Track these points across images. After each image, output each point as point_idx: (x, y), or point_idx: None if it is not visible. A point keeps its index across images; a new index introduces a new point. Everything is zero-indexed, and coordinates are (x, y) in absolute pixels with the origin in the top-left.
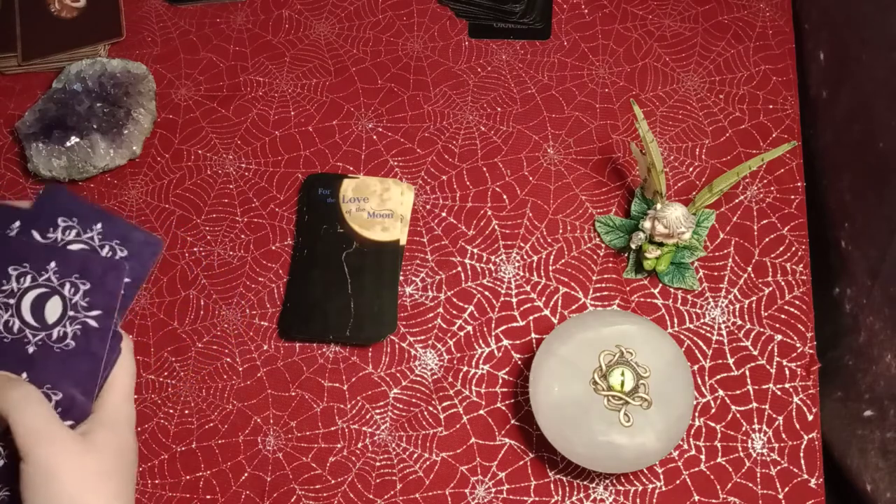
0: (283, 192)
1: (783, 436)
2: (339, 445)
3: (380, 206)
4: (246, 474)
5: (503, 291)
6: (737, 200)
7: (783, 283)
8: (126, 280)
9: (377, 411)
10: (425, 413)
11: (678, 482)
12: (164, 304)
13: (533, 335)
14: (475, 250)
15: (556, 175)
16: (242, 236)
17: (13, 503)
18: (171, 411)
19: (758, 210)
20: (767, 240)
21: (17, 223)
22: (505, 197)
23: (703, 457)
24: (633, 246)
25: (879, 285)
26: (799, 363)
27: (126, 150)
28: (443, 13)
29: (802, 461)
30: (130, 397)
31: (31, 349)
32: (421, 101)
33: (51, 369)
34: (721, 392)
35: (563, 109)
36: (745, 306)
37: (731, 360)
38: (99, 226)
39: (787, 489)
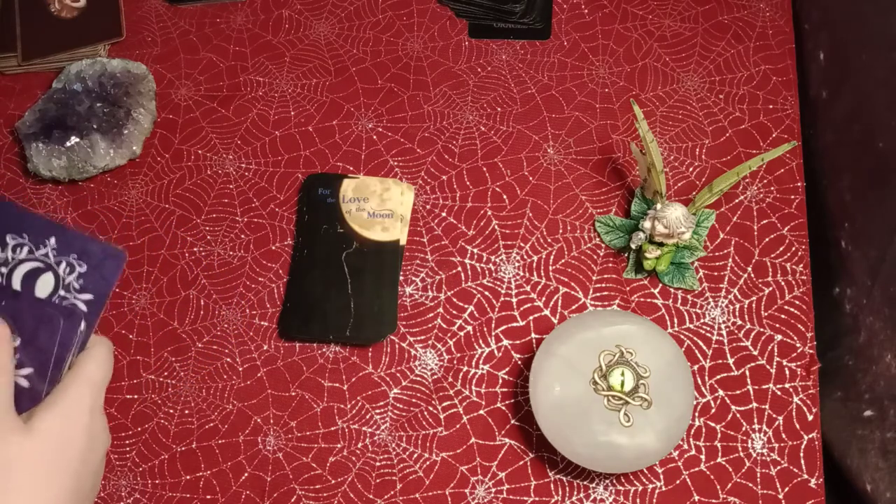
0: (283, 192)
1: (783, 436)
2: (339, 445)
3: (380, 206)
4: (246, 474)
5: (503, 291)
6: (737, 200)
7: (783, 283)
8: (89, 297)
9: (377, 411)
10: (425, 413)
11: (678, 482)
12: (164, 304)
13: (533, 335)
14: (475, 250)
15: (556, 175)
16: (242, 236)
17: None
18: (171, 411)
19: (758, 210)
20: (767, 240)
21: None
22: (505, 197)
23: (703, 457)
24: (633, 246)
25: (879, 285)
26: (799, 363)
27: (126, 150)
28: (443, 13)
29: (802, 461)
30: (97, 389)
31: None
32: (421, 101)
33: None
34: (721, 392)
35: (563, 109)
36: (745, 306)
37: (731, 360)
38: (52, 240)
39: (787, 489)
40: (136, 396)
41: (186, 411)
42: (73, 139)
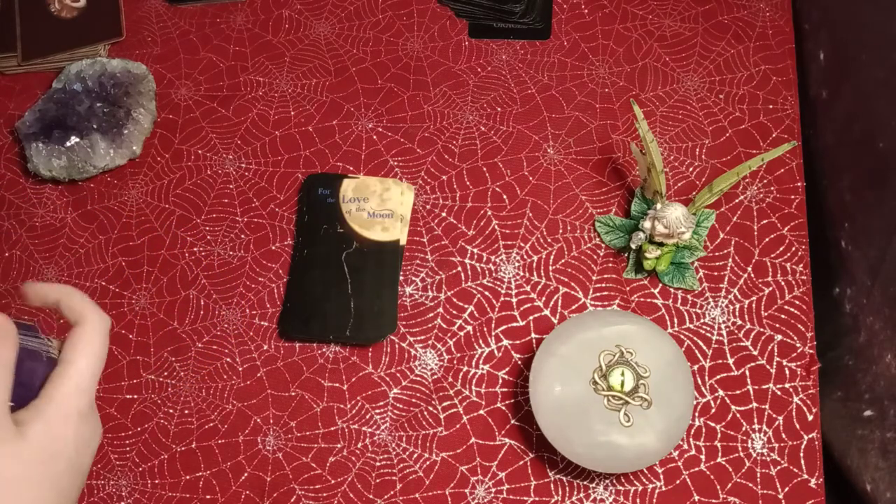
0: (283, 192)
1: (783, 436)
2: (339, 445)
3: (380, 206)
4: (246, 474)
5: (503, 291)
6: (737, 200)
7: (783, 283)
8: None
9: (377, 411)
10: (425, 413)
11: (678, 482)
12: (164, 304)
13: (533, 335)
14: (475, 250)
15: (556, 175)
16: (242, 236)
17: None
18: (171, 411)
19: (758, 210)
20: (767, 240)
21: None
22: (505, 197)
23: (703, 457)
24: (633, 246)
25: (879, 285)
26: (799, 363)
27: (126, 150)
28: (443, 13)
29: (802, 461)
30: (87, 387)
31: None
32: (421, 101)
33: None
34: (721, 392)
35: (563, 109)
36: (745, 306)
37: (731, 360)
38: None
39: (787, 489)
40: (136, 396)
41: (186, 411)
42: (73, 139)
